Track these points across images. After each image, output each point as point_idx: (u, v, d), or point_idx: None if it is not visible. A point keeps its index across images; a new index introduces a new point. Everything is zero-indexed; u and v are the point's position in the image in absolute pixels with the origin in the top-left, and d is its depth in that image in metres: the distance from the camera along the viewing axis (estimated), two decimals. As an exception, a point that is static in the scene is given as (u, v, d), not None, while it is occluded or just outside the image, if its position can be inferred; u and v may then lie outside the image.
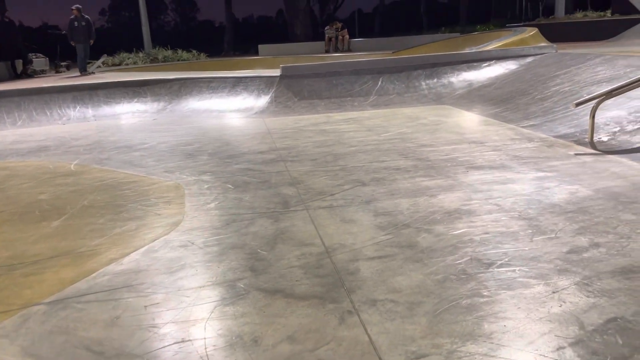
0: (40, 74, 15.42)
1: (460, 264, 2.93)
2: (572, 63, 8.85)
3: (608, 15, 18.46)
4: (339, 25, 22.97)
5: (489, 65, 10.43)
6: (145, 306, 2.65)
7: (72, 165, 5.99)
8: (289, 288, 2.76)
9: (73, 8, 13.65)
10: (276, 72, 10.62)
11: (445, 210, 3.81)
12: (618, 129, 5.65)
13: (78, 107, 9.98)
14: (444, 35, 23.23)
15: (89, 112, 9.96)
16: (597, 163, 4.84)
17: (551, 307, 2.42)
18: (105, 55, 16.83)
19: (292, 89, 10.14)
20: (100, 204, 4.45)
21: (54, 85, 10.70)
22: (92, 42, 14.07)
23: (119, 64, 17.12)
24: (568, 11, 23.09)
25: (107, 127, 8.68)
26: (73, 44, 13.90)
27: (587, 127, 5.56)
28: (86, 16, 13.90)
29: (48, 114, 9.86)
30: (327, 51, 22.38)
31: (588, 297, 2.49)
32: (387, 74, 10.38)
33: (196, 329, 2.42)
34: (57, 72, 16.18)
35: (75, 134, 8.07)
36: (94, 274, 3.07)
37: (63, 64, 16.95)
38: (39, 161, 6.34)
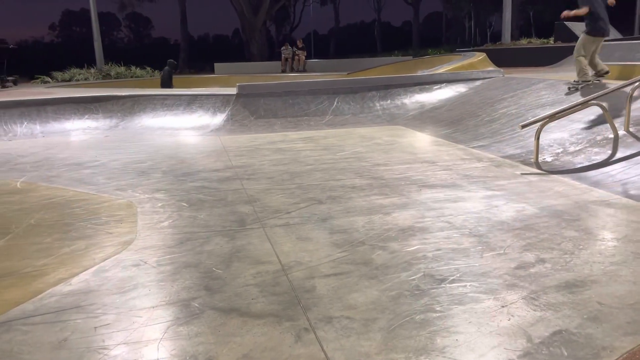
0: None
1: (414, 280, 2.99)
2: (518, 87, 9.26)
3: (551, 42, 19.48)
4: (301, 44, 23.24)
5: (440, 88, 10.77)
6: (95, 327, 2.57)
7: (18, 183, 5.77)
8: (244, 306, 2.74)
9: None
10: (232, 91, 10.60)
11: (399, 228, 3.88)
12: (561, 150, 5.93)
13: (25, 123, 9.64)
14: (397, 58, 23.88)
15: (37, 128, 9.63)
16: (542, 182, 5.07)
17: (500, 321, 2.50)
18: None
19: (249, 107, 10.14)
20: (47, 222, 4.29)
21: (-1, 100, 10.31)
22: None
23: (69, 80, 16.67)
24: (514, 38, 24.23)
25: (56, 144, 8.41)
26: None
27: (533, 148, 5.81)
28: None
29: (-8, 129, 9.48)
30: (283, 71, 22.56)
31: (535, 310, 2.59)
32: (342, 95, 10.54)
33: (149, 349, 2.36)
34: (4, 87, 15.60)
35: (22, 151, 7.78)
36: (40, 295, 2.95)
37: (10, 78, 16.37)
38: (-19, 178, 6.07)
